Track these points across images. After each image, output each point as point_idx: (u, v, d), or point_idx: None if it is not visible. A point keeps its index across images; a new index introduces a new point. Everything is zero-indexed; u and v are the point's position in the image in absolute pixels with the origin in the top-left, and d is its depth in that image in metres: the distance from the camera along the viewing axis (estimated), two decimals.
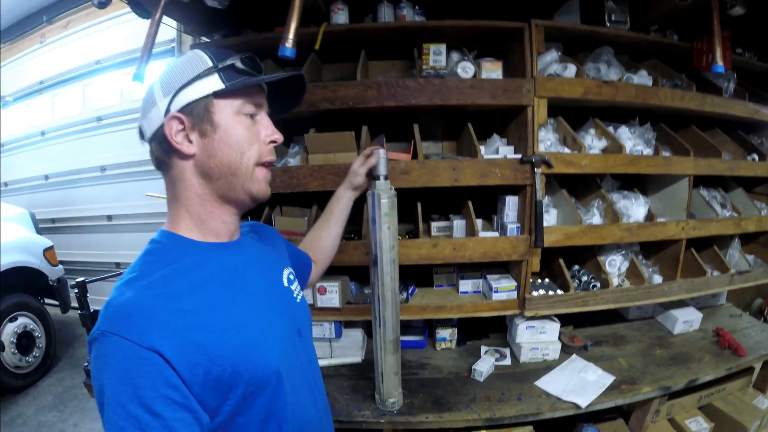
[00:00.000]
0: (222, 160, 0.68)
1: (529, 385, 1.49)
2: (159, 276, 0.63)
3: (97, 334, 0.57)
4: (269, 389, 0.66)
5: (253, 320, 0.68)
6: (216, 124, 0.67)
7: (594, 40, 1.63)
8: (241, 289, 0.70)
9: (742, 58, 1.88)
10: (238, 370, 0.61)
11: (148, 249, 0.69)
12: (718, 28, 1.40)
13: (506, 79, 1.44)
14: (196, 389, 0.58)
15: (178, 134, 0.66)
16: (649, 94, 1.57)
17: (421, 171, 1.41)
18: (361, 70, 1.44)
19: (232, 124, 0.68)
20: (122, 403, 0.53)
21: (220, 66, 0.67)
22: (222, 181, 0.69)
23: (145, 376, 0.54)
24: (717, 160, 1.74)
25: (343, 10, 1.46)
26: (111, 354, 0.55)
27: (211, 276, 0.67)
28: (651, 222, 1.63)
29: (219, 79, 0.66)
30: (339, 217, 1.14)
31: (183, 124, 0.66)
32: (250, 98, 0.70)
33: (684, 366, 1.59)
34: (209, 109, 0.67)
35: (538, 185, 1.43)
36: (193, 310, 0.61)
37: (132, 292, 0.60)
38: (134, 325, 0.56)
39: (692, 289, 1.72)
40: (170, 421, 0.54)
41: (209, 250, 0.70)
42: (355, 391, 1.49)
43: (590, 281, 1.62)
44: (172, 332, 0.57)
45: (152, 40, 1.34)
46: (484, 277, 1.64)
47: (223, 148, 0.67)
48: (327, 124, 1.52)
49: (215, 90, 0.66)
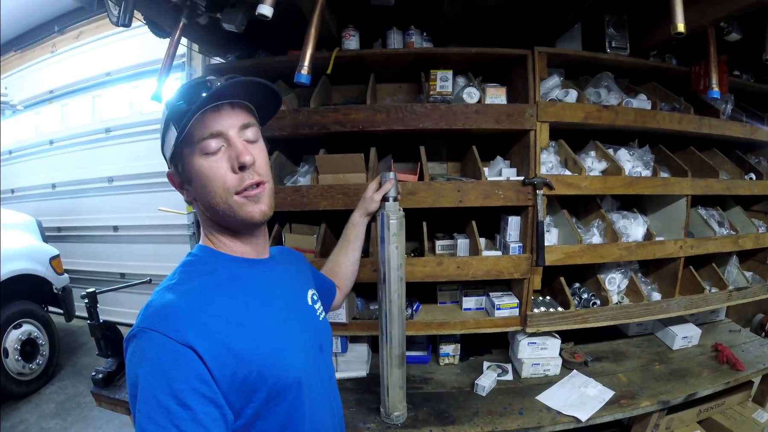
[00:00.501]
0: (205, 203, 0.72)
1: (531, 400, 1.52)
2: (196, 284, 0.69)
3: (137, 331, 0.62)
4: (290, 397, 0.70)
5: (280, 331, 0.73)
6: (189, 173, 0.71)
7: (595, 65, 1.69)
8: (270, 303, 0.75)
9: (739, 80, 1.93)
10: (263, 375, 0.66)
11: (187, 260, 0.74)
12: (714, 54, 1.46)
13: (510, 105, 1.50)
14: (224, 387, 0.62)
15: (179, 186, 0.76)
16: (648, 118, 1.63)
17: (427, 192, 1.46)
18: (370, 94, 1.50)
19: (198, 168, 0.69)
20: (155, 393, 0.57)
21: (168, 115, 0.69)
22: (215, 217, 0.74)
23: (178, 370, 0.58)
24: (714, 180, 1.78)
25: (354, 36, 1.52)
26: (148, 348, 0.60)
27: (243, 288, 0.73)
28: (650, 241, 1.67)
29: (173, 128, 0.68)
30: (356, 244, 1.20)
31: (175, 177, 0.74)
32: (204, 131, 0.67)
33: (683, 381, 1.61)
34: (180, 163, 0.72)
35: (539, 206, 1.47)
36: (226, 316, 0.66)
37: (172, 295, 0.65)
38: (172, 323, 0.61)
39: (691, 306, 1.75)
40: (198, 414, 0.58)
41: (242, 265, 0.76)
42: (360, 404, 1.52)
43: (590, 299, 1.66)
44: (207, 333, 0.62)
45: (171, 60, 1.38)
46: (486, 295, 1.68)
47: (201, 192, 0.71)
48: (336, 145, 1.57)
49: (174, 143, 0.68)
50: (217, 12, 1.29)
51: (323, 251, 1.57)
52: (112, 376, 1.64)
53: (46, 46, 4.10)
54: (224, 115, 0.69)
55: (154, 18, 1.41)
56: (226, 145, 0.69)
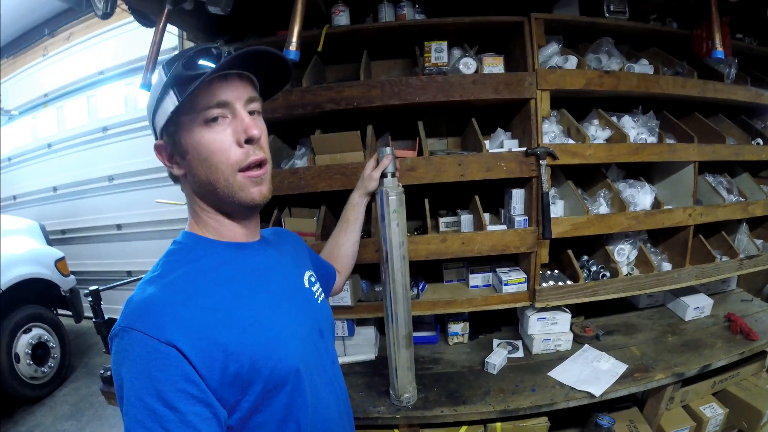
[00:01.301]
0: (201, 179, 0.66)
1: (543, 376, 1.50)
2: (180, 274, 0.64)
3: (118, 330, 0.58)
4: (288, 387, 0.66)
5: (272, 318, 0.69)
6: (185, 145, 0.65)
7: (594, 31, 1.63)
8: (261, 288, 0.71)
9: (742, 44, 1.87)
10: (257, 367, 0.62)
11: (171, 249, 0.70)
12: (716, 14, 1.41)
13: (508, 74, 1.46)
14: (214, 384, 0.58)
15: (168, 160, 0.69)
16: (651, 83, 1.57)
17: (427, 167, 1.43)
18: (364, 70, 1.46)
19: (199, 138, 0.64)
20: (140, 396, 0.54)
21: (169, 79, 0.63)
22: (210, 195, 0.69)
23: (162, 371, 0.55)
24: (721, 145, 1.73)
25: (344, 11, 1.48)
26: (130, 349, 0.56)
27: (231, 274, 0.68)
28: (658, 209, 1.63)
29: (173, 94, 0.62)
30: (355, 225, 1.16)
31: (166, 150, 0.69)
32: (211, 99, 0.63)
33: (696, 352, 1.59)
34: (176, 132, 0.65)
35: (543, 177, 1.43)
36: (213, 307, 0.62)
37: (152, 288, 0.61)
38: (153, 320, 0.57)
39: (702, 275, 1.72)
40: (187, 415, 0.55)
41: (230, 249, 0.71)
42: (369, 387, 1.51)
43: (600, 271, 1.63)
44: (191, 328, 0.58)
45: (157, 48, 1.36)
46: (493, 271, 1.65)
47: (198, 167, 0.65)
48: (332, 125, 1.54)
49: (172, 110, 0.62)
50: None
51: (324, 234, 1.54)
52: None
53: (38, 49, 4.08)
54: (232, 85, 0.64)
55: (138, 6, 1.38)
56: (231, 116, 0.65)
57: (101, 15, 1.38)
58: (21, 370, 2.79)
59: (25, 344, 2.83)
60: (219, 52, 0.64)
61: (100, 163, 3.88)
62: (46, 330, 3.02)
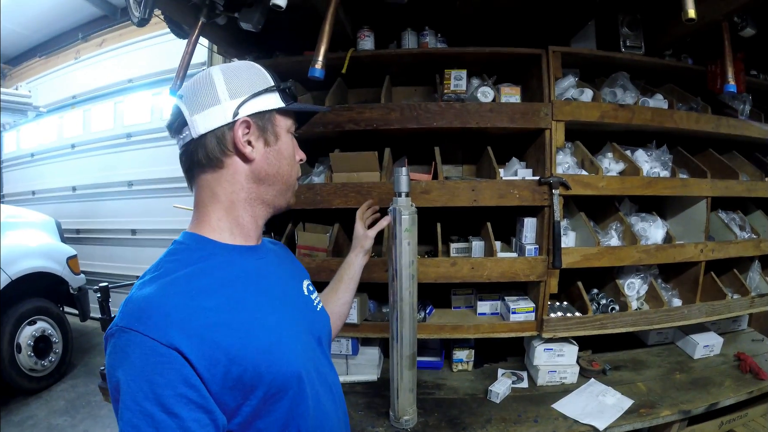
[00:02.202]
0: (279, 170, 0.75)
1: (546, 408, 1.47)
2: (182, 274, 0.63)
3: (115, 330, 0.57)
4: (290, 393, 0.65)
5: (275, 323, 0.68)
6: (278, 136, 0.74)
7: (610, 65, 1.67)
8: (263, 292, 0.71)
9: (756, 80, 1.88)
10: (260, 371, 0.61)
11: (172, 249, 0.69)
12: (729, 48, 1.42)
13: (525, 103, 1.49)
14: (215, 388, 0.57)
15: (242, 135, 0.70)
16: (665, 117, 1.60)
17: (441, 191, 1.45)
18: (385, 95, 1.51)
19: (287, 139, 0.76)
20: (138, 400, 0.52)
21: (282, 87, 0.75)
22: (274, 188, 0.75)
23: (162, 374, 0.53)
24: (735, 181, 1.73)
25: (369, 37, 1.54)
26: (129, 350, 0.54)
27: (235, 276, 0.68)
28: (669, 244, 1.63)
29: (279, 98, 0.74)
30: (349, 285, 1.10)
31: (249, 129, 0.70)
32: (293, 120, 0.78)
33: (704, 390, 1.55)
34: (273, 122, 0.74)
35: (556, 206, 1.45)
36: (216, 309, 0.61)
37: (153, 288, 0.60)
38: (153, 321, 0.55)
39: (712, 313, 1.70)
40: (186, 421, 0.53)
41: (234, 252, 0.71)
42: (369, 408, 1.49)
43: (609, 304, 1.62)
44: (193, 330, 0.56)
45: (189, 58, 1.41)
46: (502, 299, 1.64)
47: (281, 160, 0.75)
48: (351, 146, 1.58)
49: (278, 107, 0.73)
50: (235, 11, 1.32)
51: (336, 251, 1.56)
52: None
53: (70, 52, 4.26)
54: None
55: (173, 16, 1.44)
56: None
57: (138, 22, 1.39)
58: (21, 361, 2.80)
59: (29, 336, 2.86)
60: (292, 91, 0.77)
61: (121, 167, 3.96)
62: (50, 324, 3.04)
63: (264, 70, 0.75)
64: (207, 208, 0.71)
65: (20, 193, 4.96)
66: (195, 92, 0.69)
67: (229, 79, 0.70)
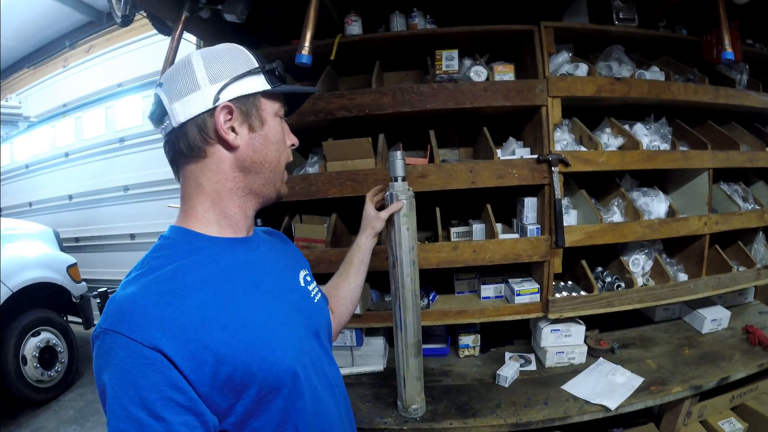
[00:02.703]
0: (265, 156, 0.71)
1: (556, 390, 1.46)
2: (167, 271, 0.60)
3: (99, 332, 0.55)
4: (285, 391, 0.63)
5: (267, 318, 0.65)
6: (264, 121, 0.71)
7: (604, 39, 1.64)
8: (254, 286, 0.68)
9: (752, 49, 1.85)
10: (251, 370, 0.59)
11: (157, 245, 0.66)
12: (724, 16, 1.40)
13: (519, 81, 1.46)
14: (204, 390, 0.55)
15: (223, 122, 0.66)
16: (663, 89, 1.57)
17: (438, 174, 1.43)
18: (376, 80, 1.48)
19: (274, 123, 0.72)
20: (123, 404, 0.51)
21: (267, 68, 0.71)
22: (260, 175, 0.71)
23: (147, 378, 0.51)
24: (735, 152, 1.71)
25: (357, 21, 1.51)
26: (112, 353, 0.53)
27: (222, 271, 0.65)
28: (673, 218, 1.61)
29: (264, 80, 0.70)
30: (360, 268, 1.07)
31: (231, 115, 0.66)
32: (281, 103, 0.74)
33: (714, 364, 1.54)
34: (258, 106, 0.70)
35: (556, 184, 1.42)
36: (201, 307, 0.58)
37: (136, 287, 0.57)
38: (136, 322, 0.53)
39: (719, 286, 1.68)
40: (174, 425, 0.51)
41: (222, 245, 0.68)
42: (377, 399, 1.48)
43: (614, 281, 1.60)
44: (177, 330, 0.54)
45: (174, 54, 1.38)
46: (506, 282, 1.63)
47: (267, 145, 0.71)
48: (344, 133, 1.55)
49: (263, 90, 0.70)
50: (218, 3, 1.29)
51: (334, 241, 1.54)
52: None
53: (58, 61, 4.23)
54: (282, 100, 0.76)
55: (156, 12, 1.41)
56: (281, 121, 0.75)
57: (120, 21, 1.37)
58: (27, 372, 2.79)
59: (33, 347, 2.84)
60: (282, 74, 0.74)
61: (116, 173, 3.95)
62: (54, 334, 3.02)
63: (248, 51, 0.71)
64: (193, 201, 0.68)
65: (17, 205, 4.94)
66: (174, 79, 0.66)
67: (209, 63, 0.66)
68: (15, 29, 3.91)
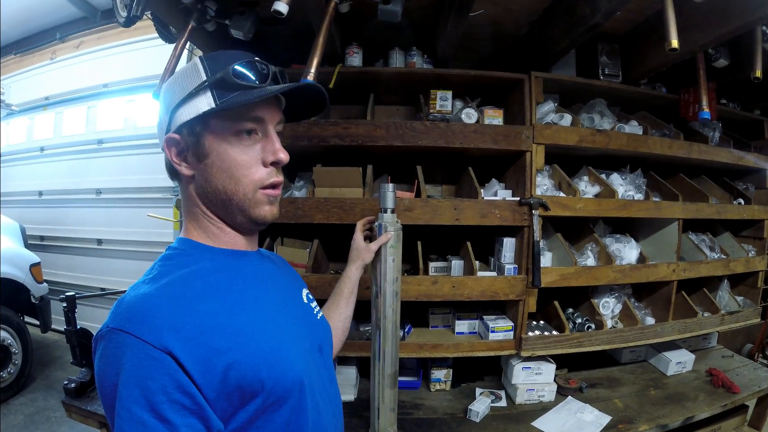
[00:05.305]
0: (216, 187, 0.64)
1: (526, 426, 1.47)
2: (177, 277, 0.60)
3: (106, 332, 0.54)
4: (291, 401, 0.62)
5: (276, 328, 0.65)
6: (208, 149, 0.63)
7: (588, 92, 1.74)
8: (263, 297, 0.68)
9: (726, 108, 1.99)
10: (260, 377, 0.58)
11: (167, 254, 0.66)
12: (704, 78, 1.50)
13: (507, 126, 1.52)
14: (211, 395, 0.54)
15: (177, 155, 0.64)
16: (640, 142, 1.66)
17: (424, 209, 1.46)
18: (369, 112, 1.51)
19: (226, 147, 0.63)
20: (128, 405, 0.50)
21: (212, 80, 0.61)
22: (219, 205, 0.66)
23: (155, 379, 0.51)
24: (705, 204, 1.82)
25: (358, 53, 1.55)
26: (120, 353, 0.52)
27: (232, 280, 0.64)
28: (643, 264, 1.68)
29: (211, 96, 0.61)
30: (350, 298, 1.08)
31: (178, 145, 0.64)
32: (249, 112, 0.63)
33: (679, 405, 1.60)
34: (201, 133, 0.62)
35: (535, 226, 1.47)
36: (213, 312, 0.58)
37: (147, 289, 0.57)
38: (147, 323, 0.53)
39: (684, 330, 1.75)
40: (179, 428, 0.51)
41: (230, 257, 0.68)
42: (347, 429, 1.42)
43: (585, 323, 1.65)
44: (188, 333, 0.54)
45: (176, 61, 1.36)
46: (480, 318, 1.65)
47: (216, 174, 0.63)
48: (333, 161, 1.57)
49: (205, 111, 0.61)
50: (226, 19, 1.30)
51: (315, 267, 1.54)
52: (85, 387, 1.57)
53: (46, 52, 4.09)
54: (268, 104, 0.65)
55: (163, 18, 1.39)
56: (261, 134, 0.65)
57: (125, 21, 1.33)
58: None
59: None
60: (267, 70, 0.64)
61: (90, 174, 3.79)
62: (9, 334, 2.86)
63: (201, 63, 0.62)
64: (187, 216, 0.70)
65: None
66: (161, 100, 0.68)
67: (168, 86, 0.65)
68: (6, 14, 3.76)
